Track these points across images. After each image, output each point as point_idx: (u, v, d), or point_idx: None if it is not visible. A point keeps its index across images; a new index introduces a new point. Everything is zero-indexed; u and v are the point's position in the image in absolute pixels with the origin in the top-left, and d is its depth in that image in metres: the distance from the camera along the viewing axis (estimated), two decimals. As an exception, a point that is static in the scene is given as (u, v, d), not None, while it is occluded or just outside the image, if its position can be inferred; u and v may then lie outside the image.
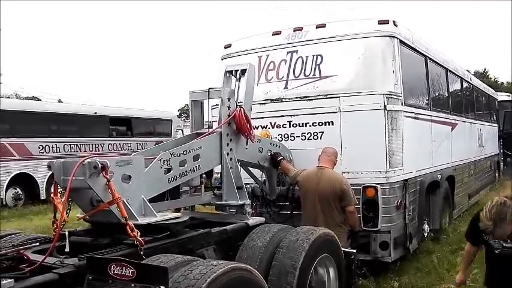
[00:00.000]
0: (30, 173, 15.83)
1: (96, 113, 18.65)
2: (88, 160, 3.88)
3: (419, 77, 7.95)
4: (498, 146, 16.83)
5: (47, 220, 10.65)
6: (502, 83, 61.13)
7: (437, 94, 9.07)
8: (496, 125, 16.53)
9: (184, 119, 38.66)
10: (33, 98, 39.25)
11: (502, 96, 19.38)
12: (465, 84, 11.56)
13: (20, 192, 16.00)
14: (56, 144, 16.50)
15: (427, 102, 8.14)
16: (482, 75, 57.33)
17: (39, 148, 16.04)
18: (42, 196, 15.86)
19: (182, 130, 22.54)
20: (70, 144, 16.95)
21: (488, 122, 14.98)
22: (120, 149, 18.79)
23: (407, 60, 7.03)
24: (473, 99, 12.78)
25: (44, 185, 15.66)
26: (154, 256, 3.68)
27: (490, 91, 16.36)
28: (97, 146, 17.88)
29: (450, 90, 9.82)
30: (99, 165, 3.83)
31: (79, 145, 17.22)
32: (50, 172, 4.20)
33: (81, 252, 3.70)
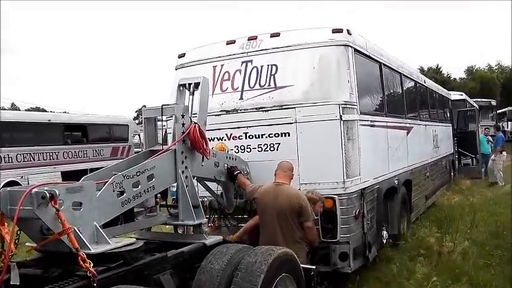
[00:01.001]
0: (-19, 186, 15.24)
1: (50, 120, 18.19)
2: (35, 190, 3.73)
3: (374, 84, 7.98)
4: (453, 145, 17.15)
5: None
6: (455, 78, 62.72)
7: (392, 99, 9.13)
8: (450, 124, 16.83)
9: (141, 122, 38.25)
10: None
11: (455, 96, 19.77)
12: (419, 87, 11.71)
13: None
14: (8, 154, 15.98)
15: (382, 108, 8.17)
16: (435, 72, 58.68)
17: (-10, 159, 15.49)
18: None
19: (139, 135, 22.27)
20: (23, 154, 16.45)
21: (443, 122, 15.25)
22: (75, 156, 18.42)
23: (362, 68, 7.04)
24: (428, 101, 12.97)
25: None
26: None
27: (444, 91, 16.66)
28: (51, 154, 17.44)
29: (405, 95, 9.92)
30: (48, 195, 3.68)
31: (32, 154, 16.74)
32: (3, 182, 4.06)
33: (30, 285, 3.59)
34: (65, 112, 30.36)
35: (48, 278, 3.89)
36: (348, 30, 6.69)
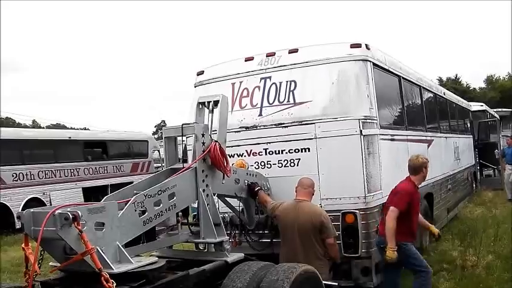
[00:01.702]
0: (4, 202, 15.39)
1: (70, 137, 18.39)
2: (59, 211, 3.77)
3: (393, 97, 7.95)
4: (474, 157, 16.97)
5: (22, 252, 10.40)
6: (475, 88, 62.24)
7: (412, 113, 9.07)
8: (471, 135, 16.68)
9: (160, 136, 38.47)
10: (7, 120, 38.61)
11: (475, 107, 19.62)
12: (439, 99, 11.64)
13: (-6, 222, 15.62)
14: (30, 171, 16.18)
15: (402, 122, 8.12)
16: (454, 82, 58.33)
17: (12, 176, 15.66)
18: (18, 225, 15.43)
19: (159, 150, 22.38)
20: (44, 171, 16.64)
21: (463, 133, 15.12)
22: (96, 172, 18.55)
23: (382, 83, 7.02)
24: (448, 113, 12.87)
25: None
26: None
27: (464, 103, 16.52)
28: (72, 171, 17.60)
29: (425, 107, 9.86)
30: (70, 217, 3.73)
31: (54, 171, 16.92)
32: (25, 200, 4.12)
33: None
34: (85, 128, 30.69)
35: (72, 297, 3.91)
36: (366, 45, 6.68)
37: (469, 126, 16.74)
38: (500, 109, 29.99)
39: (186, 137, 6.53)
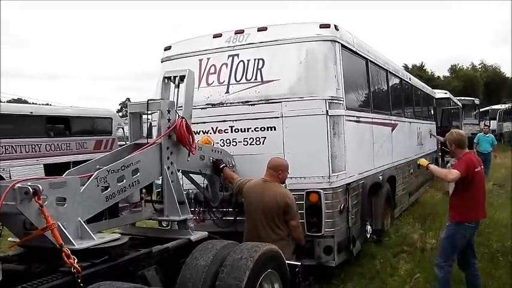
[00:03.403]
0: (-40, 177, 15.01)
1: (32, 112, 17.91)
2: (18, 185, 3.65)
3: (360, 80, 8.00)
4: (436, 143, 17.24)
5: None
6: (439, 76, 63.18)
7: (378, 96, 9.15)
8: (434, 122, 16.92)
9: (125, 114, 37.95)
10: None
11: (439, 94, 19.90)
12: (405, 84, 11.75)
13: None
14: (-12, 146, 15.75)
15: (368, 104, 8.19)
16: (419, 69, 59.09)
17: (-29, 151, 15.25)
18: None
19: (123, 128, 22.08)
20: (5, 146, 16.21)
21: (427, 119, 15.32)
22: (58, 149, 18.15)
23: (349, 64, 7.04)
24: (413, 99, 13.03)
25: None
26: (93, 285, 3.50)
27: (429, 89, 16.74)
28: (34, 147, 17.19)
29: (390, 91, 9.96)
30: (31, 191, 3.61)
31: (14, 146, 16.50)
32: None
33: (13, 281, 3.51)
34: (48, 104, 29.98)
35: (31, 273, 3.82)
36: (335, 26, 6.69)
37: (432, 112, 16.98)
38: (463, 97, 30.60)
39: (151, 114, 6.44)
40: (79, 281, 3.55)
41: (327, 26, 6.60)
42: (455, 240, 5.81)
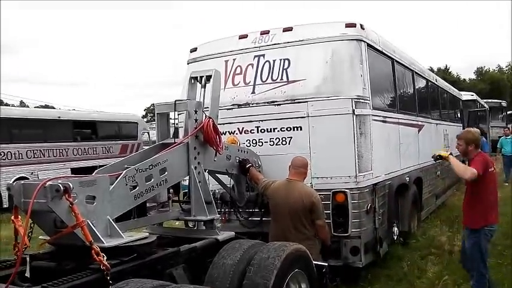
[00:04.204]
0: (-9, 181, 15.31)
1: (59, 117, 18.21)
2: (50, 183, 3.70)
3: (386, 80, 7.94)
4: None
5: (10, 230, 10.34)
6: (464, 79, 62.44)
7: (404, 96, 9.09)
8: (461, 124, 16.72)
9: (150, 119, 38.31)
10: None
11: (466, 96, 19.67)
12: (431, 86, 11.65)
13: (-18, 201, 15.50)
14: (18, 151, 16.04)
15: (394, 105, 8.12)
16: (444, 72, 58.47)
17: (0, 154, 15.51)
18: (5, 204, 15.29)
19: (148, 132, 22.27)
20: (33, 150, 16.51)
21: (453, 121, 15.15)
22: (85, 153, 18.44)
23: (375, 64, 7.00)
24: (439, 100, 12.89)
25: (7, 193, 15.13)
26: (121, 283, 3.52)
27: (455, 91, 16.56)
28: (61, 151, 17.47)
29: (416, 92, 9.87)
30: (62, 188, 3.65)
31: (42, 151, 16.79)
32: (14, 178, 4.02)
33: (44, 278, 3.55)
34: (74, 110, 30.42)
35: (61, 270, 3.86)
36: (361, 25, 6.66)
37: (459, 115, 16.78)
38: (490, 100, 30.18)
39: (178, 114, 6.49)
40: (108, 278, 3.57)
41: (353, 25, 6.58)
42: (481, 246, 5.60)
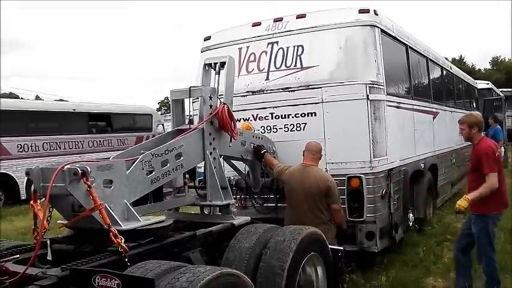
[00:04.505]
0: (9, 173, 15.50)
1: (74, 109, 18.34)
2: (68, 166, 3.76)
3: (400, 66, 7.91)
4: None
5: (27, 221, 10.49)
6: (480, 69, 61.81)
7: (418, 83, 9.05)
8: (477, 113, 16.57)
9: (164, 113, 38.40)
10: (10, 95, 38.46)
11: (481, 85, 19.48)
12: (445, 73, 11.57)
13: (0, 193, 15.72)
14: (34, 143, 16.20)
15: (408, 91, 8.10)
16: (459, 62, 57.94)
17: (17, 147, 15.71)
18: (23, 196, 15.54)
19: (163, 124, 22.35)
20: (49, 142, 16.65)
21: (469, 110, 15.01)
22: (100, 145, 18.55)
23: (389, 50, 6.98)
24: (454, 88, 12.81)
25: (24, 185, 15.39)
26: (140, 263, 3.57)
27: (470, 80, 16.42)
28: (77, 143, 17.61)
29: (431, 79, 9.82)
30: (80, 172, 3.72)
31: (58, 143, 16.93)
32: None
33: (63, 260, 3.61)
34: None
35: (80, 253, 3.92)
36: (374, 11, 6.65)
37: (474, 103, 16.65)
38: (506, 89, 29.83)
39: (193, 102, 6.53)
40: (126, 260, 3.62)
41: (366, 11, 6.56)
42: (489, 232, 5.47)
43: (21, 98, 38.13)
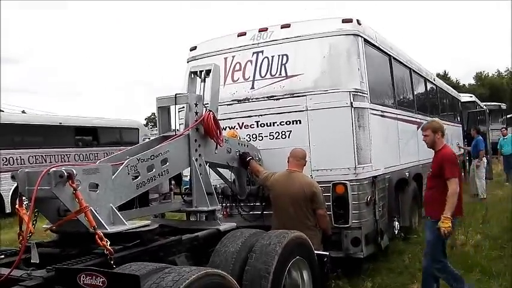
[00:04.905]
0: (-6, 187, 15.39)
1: (61, 123, 18.29)
2: (53, 169, 3.78)
3: (384, 76, 8.03)
4: (464, 153, 17.06)
5: (12, 234, 10.39)
6: (464, 84, 62.55)
7: (402, 93, 9.17)
8: (460, 125, 16.77)
9: (151, 128, 38.30)
10: (-3, 111, 38.14)
11: (465, 97, 19.73)
12: (429, 85, 11.73)
13: (-16, 206, 15.57)
14: (20, 156, 16.13)
15: (392, 101, 8.21)
16: (443, 78, 58.58)
17: (2, 160, 15.61)
18: (8, 210, 15.44)
19: (149, 138, 22.27)
20: (35, 156, 16.59)
21: (453, 122, 15.22)
22: (86, 159, 18.46)
23: (372, 59, 7.11)
24: (438, 100, 12.97)
25: (9, 199, 15.32)
26: (125, 265, 3.59)
27: (454, 92, 16.64)
28: (63, 156, 17.53)
29: (415, 90, 9.96)
30: (65, 174, 3.73)
31: (44, 156, 16.86)
32: (15, 185, 4.07)
33: (48, 263, 3.59)
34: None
35: (66, 256, 3.92)
36: (357, 21, 6.77)
37: (458, 115, 16.85)
38: (489, 103, 30.21)
39: (179, 111, 6.57)
40: (112, 262, 3.63)
41: (350, 20, 6.68)
42: (443, 238, 5.48)
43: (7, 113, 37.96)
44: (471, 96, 21.71)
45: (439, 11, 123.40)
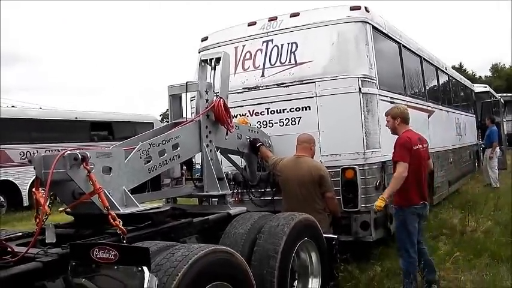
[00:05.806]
0: (13, 180, 15.72)
1: (76, 118, 18.50)
2: (68, 152, 3.90)
3: (393, 63, 8.09)
4: (477, 137, 17.01)
5: (30, 226, 10.59)
6: (480, 76, 61.85)
7: (412, 81, 9.19)
8: (474, 116, 16.72)
9: (166, 123, 38.42)
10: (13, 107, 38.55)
11: (479, 88, 19.61)
12: (441, 74, 11.73)
13: (3, 199, 15.84)
14: (37, 151, 16.23)
15: (402, 88, 8.25)
16: (459, 70, 58.05)
17: (20, 155, 15.85)
18: (25, 203, 15.72)
19: (164, 133, 22.37)
20: (51, 150, 16.72)
21: (466, 112, 15.17)
22: (102, 153, 18.63)
23: (381, 46, 7.18)
24: (450, 89, 12.96)
25: (27, 192, 15.56)
26: (136, 243, 3.70)
27: (467, 82, 16.58)
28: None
29: (425, 78, 9.97)
30: (80, 157, 3.86)
31: (60, 150, 16.98)
32: (32, 178, 4.17)
33: (63, 243, 3.70)
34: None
35: (80, 236, 4.03)
36: (366, 8, 6.84)
37: (472, 106, 16.78)
38: (505, 94, 29.92)
39: (191, 100, 6.68)
40: (124, 242, 3.73)
41: (358, 8, 6.76)
42: (407, 226, 5.49)
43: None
44: (485, 87, 21.57)
45: (456, 3, 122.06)
